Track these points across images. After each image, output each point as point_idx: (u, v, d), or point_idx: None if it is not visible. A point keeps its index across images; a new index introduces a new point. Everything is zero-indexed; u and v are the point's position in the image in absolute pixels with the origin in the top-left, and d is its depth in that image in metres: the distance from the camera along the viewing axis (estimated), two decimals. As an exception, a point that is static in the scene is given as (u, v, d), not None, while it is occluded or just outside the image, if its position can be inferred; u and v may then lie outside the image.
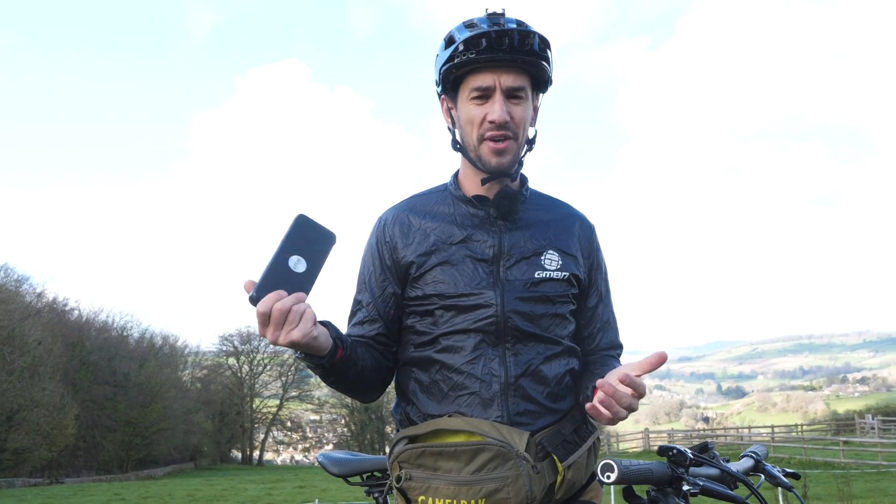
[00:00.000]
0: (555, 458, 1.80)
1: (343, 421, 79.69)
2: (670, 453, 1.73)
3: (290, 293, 1.56)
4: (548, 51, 1.90)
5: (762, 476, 1.93)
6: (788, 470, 1.97)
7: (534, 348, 1.86)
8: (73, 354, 47.66)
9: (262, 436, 76.15)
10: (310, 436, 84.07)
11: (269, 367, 76.24)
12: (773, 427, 51.18)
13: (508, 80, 1.85)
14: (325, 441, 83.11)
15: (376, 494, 2.33)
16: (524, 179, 2.04)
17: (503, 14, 1.88)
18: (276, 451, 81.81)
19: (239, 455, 73.71)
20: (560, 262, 1.92)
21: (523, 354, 1.84)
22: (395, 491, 1.85)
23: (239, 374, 74.16)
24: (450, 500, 1.72)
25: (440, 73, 1.94)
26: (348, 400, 77.63)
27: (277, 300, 1.54)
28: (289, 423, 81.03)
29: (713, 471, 1.80)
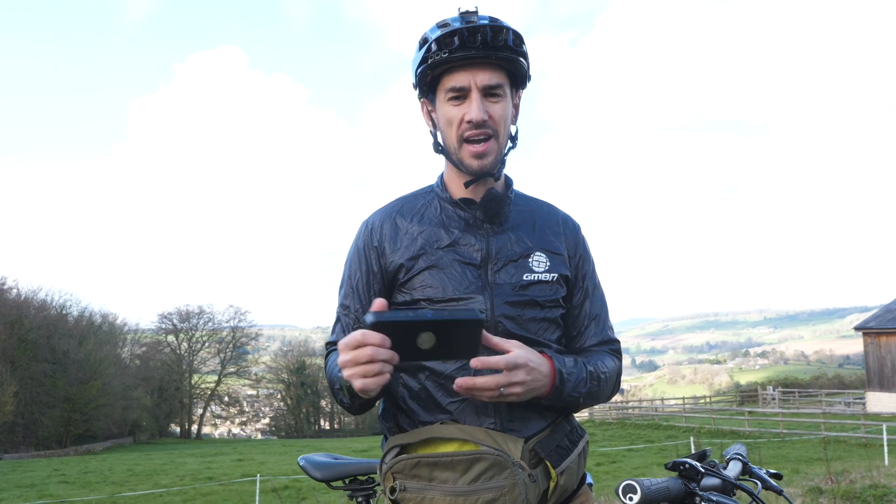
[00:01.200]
0: (548, 464, 1.70)
1: (279, 395, 79.55)
2: (682, 468, 1.68)
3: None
4: (523, 46, 1.78)
5: (758, 483, 1.86)
6: (772, 471, 1.90)
7: None
8: (11, 332, 46.64)
9: (200, 411, 75.58)
10: (247, 410, 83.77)
11: (207, 345, 75.91)
12: (683, 399, 52.50)
13: (484, 77, 1.73)
14: (261, 415, 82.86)
15: (360, 499, 2.19)
16: (509, 181, 1.92)
17: (476, 12, 1.75)
18: (215, 425, 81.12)
19: (178, 429, 72.96)
20: (548, 264, 1.82)
21: None
22: (388, 502, 1.73)
23: (178, 351, 73.65)
24: None
25: (416, 76, 1.82)
26: (284, 375, 77.68)
27: (377, 344, 1.38)
28: (227, 398, 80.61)
29: (716, 481, 1.74)
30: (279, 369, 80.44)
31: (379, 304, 1.42)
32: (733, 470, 1.83)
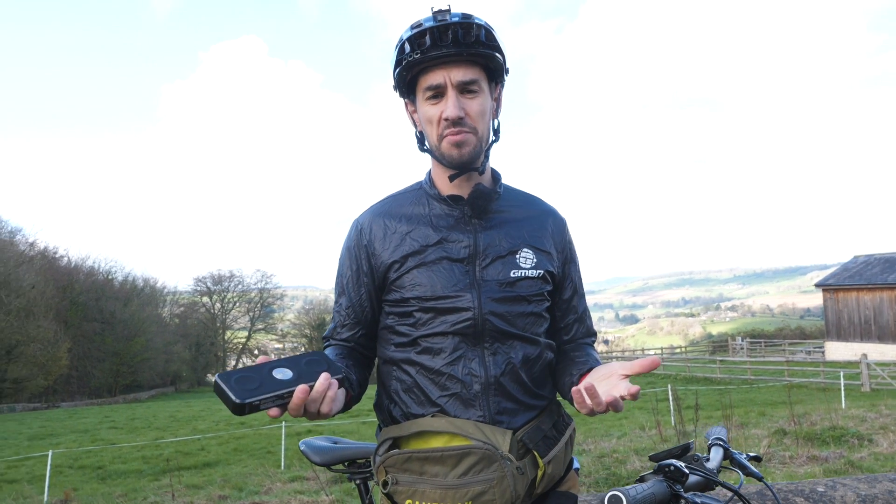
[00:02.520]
0: (535, 454, 1.61)
1: (303, 349, 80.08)
2: (667, 470, 1.55)
3: (269, 392, 1.28)
4: (496, 40, 1.63)
5: (740, 473, 1.73)
6: (751, 454, 1.78)
7: (512, 347, 1.64)
8: (63, 296, 46.97)
9: (233, 362, 76.07)
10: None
11: (238, 304, 76.32)
12: (661, 349, 52.70)
13: (458, 74, 1.59)
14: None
15: (358, 481, 2.13)
16: (497, 176, 1.78)
17: (448, 10, 1.62)
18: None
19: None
20: (535, 260, 1.69)
21: (502, 354, 1.63)
22: (381, 495, 1.65)
23: (212, 311, 74.04)
24: None
25: (395, 78, 1.69)
26: (307, 331, 78.16)
27: (303, 396, 1.31)
28: (256, 352, 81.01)
29: (698, 478, 1.62)
30: (302, 325, 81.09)
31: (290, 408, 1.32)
32: (715, 458, 1.71)
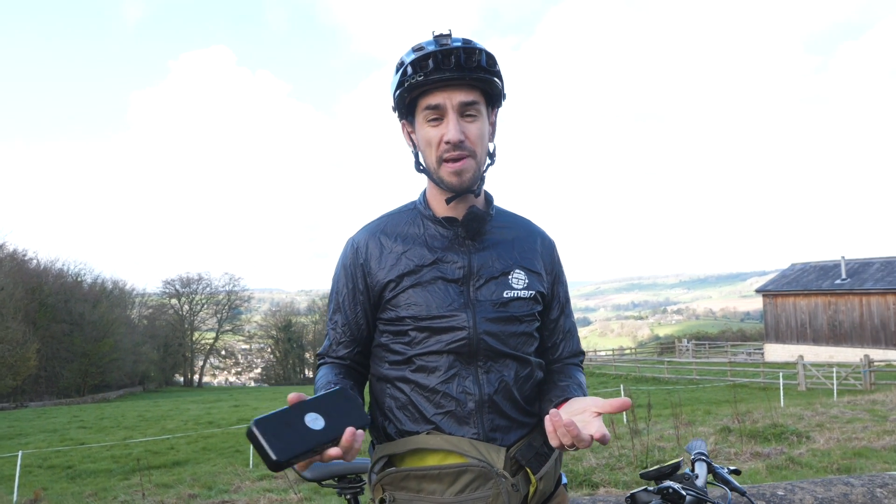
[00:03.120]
0: (528, 470, 1.59)
1: (269, 349, 79.39)
2: (666, 492, 1.53)
3: (305, 448, 1.23)
4: (496, 66, 1.61)
5: (726, 489, 1.70)
6: (731, 468, 1.77)
7: (504, 366, 1.61)
8: (32, 297, 45.72)
9: (201, 363, 75.07)
10: (241, 362, 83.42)
11: (206, 306, 75.24)
12: (613, 350, 53.29)
13: (459, 97, 1.56)
14: (254, 366, 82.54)
15: (348, 496, 2.08)
16: (490, 198, 1.76)
17: (449, 34, 1.59)
18: (213, 375, 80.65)
19: (181, 379, 72.37)
20: (526, 281, 1.67)
21: (495, 372, 1.60)
22: None
23: (180, 313, 72.85)
24: None
25: (394, 99, 1.65)
26: (273, 332, 77.55)
27: (335, 455, 1.25)
28: (223, 352, 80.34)
29: (692, 498, 1.59)
30: (269, 327, 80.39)
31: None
32: (701, 474, 1.69)
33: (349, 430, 1.28)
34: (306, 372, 78.49)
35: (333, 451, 1.24)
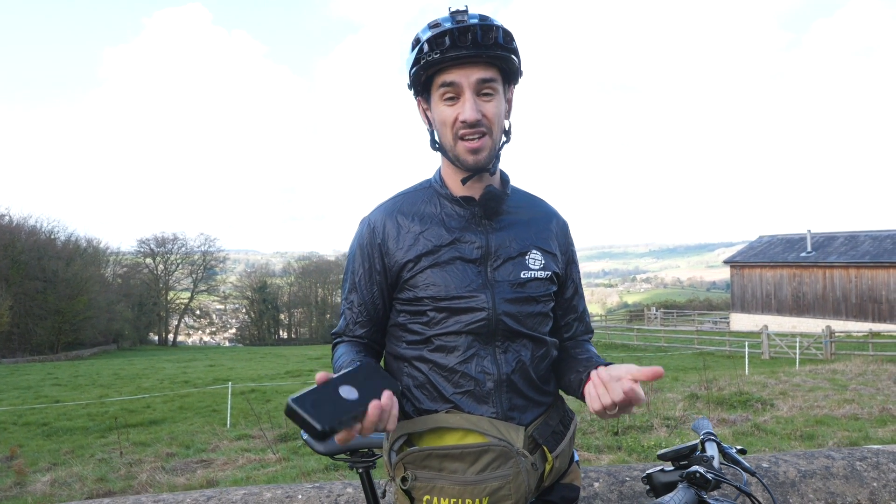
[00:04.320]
0: (545, 448, 1.60)
1: (244, 310, 79.10)
2: (693, 476, 1.51)
3: (346, 415, 1.23)
4: (513, 43, 1.56)
5: (741, 470, 1.69)
6: (738, 447, 1.76)
7: (522, 346, 1.60)
8: (5, 254, 45.04)
9: (175, 322, 74.51)
10: (216, 322, 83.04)
11: (181, 266, 74.45)
12: (583, 316, 53.80)
13: (476, 75, 1.52)
14: (228, 326, 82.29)
15: (360, 470, 2.06)
16: (506, 178, 1.73)
17: (466, 10, 1.55)
18: (188, 334, 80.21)
19: (156, 338, 71.94)
20: (543, 262, 1.65)
21: (512, 352, 1.59)
22: (398, 490, 1.59)
23: (155, 272, 72.02)
24: (455, 500, 1.50)
25: (410, 76, 1.61)
26: (248, 293, 77.17)
27: (378, 413, 1.25)
28: (198, 312, 79.71)
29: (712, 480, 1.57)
30: (244, 288, 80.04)
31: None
32: (713, 454, 1.67)
33: (386, 392, 1.29)
34: (281, 332, 78.50)
35: (374, 410, 1.24)
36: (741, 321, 39.67)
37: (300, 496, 2.60)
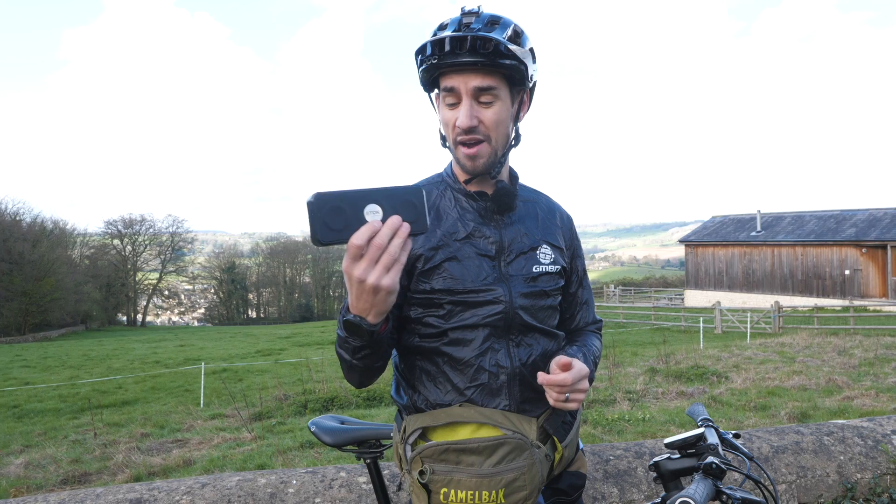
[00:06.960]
0: (555, 439, 1.61)
1: (213, 290, 78.16)
2: (710, 468, 1.49)
3: (344, 238, 1.08)
4: (519, 47, 1.49)
5: (743, 457, 1.68)
6: (734, 431, 1.77)
7: (534, 339, 1.60)
8: (-31, 236, 43.46)
9: (144, 302, 73.32)
10: (185, 302, 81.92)
11: (149, 247, 73.10)
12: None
13: (474, 83, 1.48)
14: (197, 306, 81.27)
15: (368, 461, 2.02)
16: (514, 175, 1.71)
17: (477, 12, 1.49)
18: (157, 314, 79.05)
19: (125, 318, 70.68)
20: (552, 256, 1.64)
21: (524, 346, 1.58)
22: (415, 483, 1.56)
23: (123, 253, 70.64)
24: (472, 492, 1.48)
25: (419, 75, 1.57)
26: (217, 273, 76.18)
27: (372, 233, 1.09)
28: (167, 292, 78.59)
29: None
30: (212, 268, 79.07)
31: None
32: (714, 441, 1.66)
33: (395, 217, 1.11)
34: (249, 312, 77.77)
35: (365, 229, 1.09)
36: (695, 297, 40.43)
37: (294, 481, 2.57)
